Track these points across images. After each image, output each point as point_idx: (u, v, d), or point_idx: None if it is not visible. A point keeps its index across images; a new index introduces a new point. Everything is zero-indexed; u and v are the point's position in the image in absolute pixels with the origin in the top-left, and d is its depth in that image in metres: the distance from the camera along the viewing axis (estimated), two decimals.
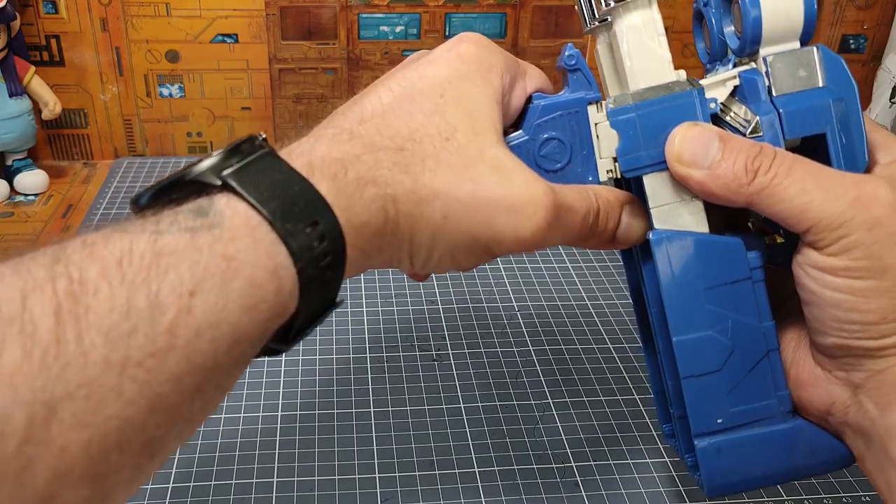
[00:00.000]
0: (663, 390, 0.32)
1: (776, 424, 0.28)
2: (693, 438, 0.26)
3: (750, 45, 0.29)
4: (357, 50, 0.83)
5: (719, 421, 0.27)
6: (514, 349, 0.56)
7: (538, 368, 0.54)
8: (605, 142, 0.29)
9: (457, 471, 0.46)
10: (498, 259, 0.66)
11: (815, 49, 0.28)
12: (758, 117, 0.28)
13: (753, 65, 0.29)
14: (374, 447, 0.48)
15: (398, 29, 0.82)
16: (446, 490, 0.45)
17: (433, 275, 0.64)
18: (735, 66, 0.30)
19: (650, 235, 0.28)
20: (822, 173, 0.28)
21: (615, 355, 0.56)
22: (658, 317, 0.30)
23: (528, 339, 0.58)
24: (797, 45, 0.28)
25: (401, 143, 0.27)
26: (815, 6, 0.28)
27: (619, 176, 0.29)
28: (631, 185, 0.30)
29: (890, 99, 0.83)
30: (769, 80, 0.28)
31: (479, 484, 0.45)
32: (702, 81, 0.29)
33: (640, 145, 0.28)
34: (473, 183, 0.27)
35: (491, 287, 0.63)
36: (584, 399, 0.52)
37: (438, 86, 0.29)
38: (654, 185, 0.28)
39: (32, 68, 0.75)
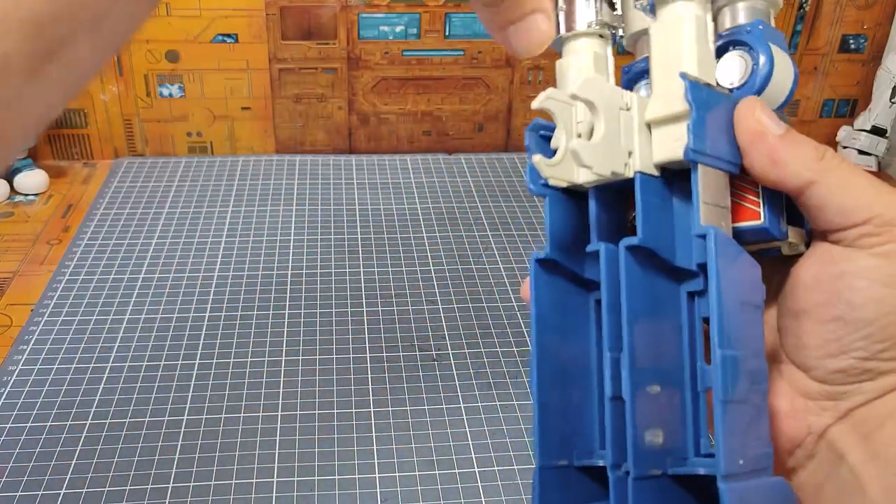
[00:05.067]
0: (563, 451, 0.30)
1: (770, 476, 0.26)
2: (720, 482, 0.24)
3: (748, 93, 0.29)
4: (357, 50, 0.83)
5: (741, 462, 0.25)
6: (514, 349, 0.56)
7: None
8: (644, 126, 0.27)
9: (457, 471, 0.46)
10: (497, 258, 0.67)
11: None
12: None
13: None
14: (374, 447, 0.48)
15: (398, 29, 0.82)
16: (446, 490, 0.45)
17: (433, 275, 0.64)
18: None
19: (709, 231, 0.26)
20: (869, 175, 0.27)
21: None
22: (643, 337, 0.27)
23: (528, 338, 0.58)
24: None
25: None
26: (797, 81, 0.30)
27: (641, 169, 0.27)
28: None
29: (890, 99, 0.83)
30: None
31: (479, 484, 0.45)
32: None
33: (706, 131, 0.27)
34: None
35: (491, 287, 0.63)
36: None
37: None
38: (706, 179, 0.27)
39: None
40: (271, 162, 0.83)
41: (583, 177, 0.28)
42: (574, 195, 0.30)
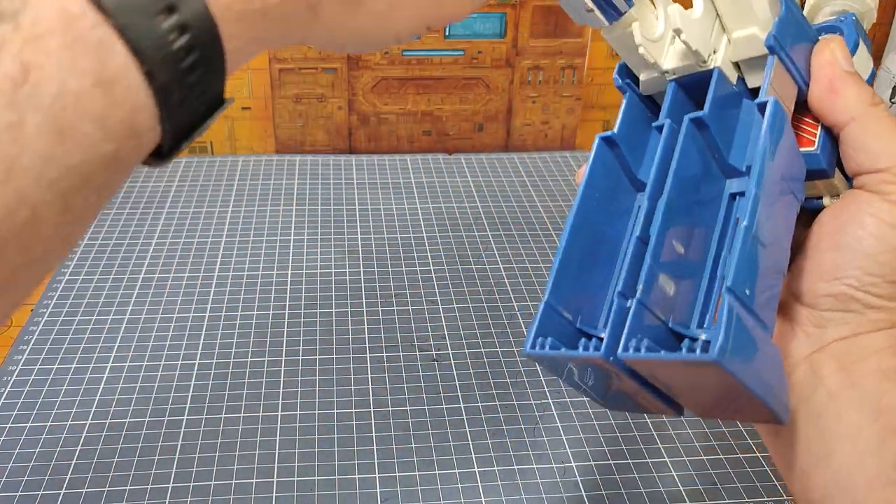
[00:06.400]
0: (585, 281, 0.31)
1: (769, 336, 0.27)
2: (727, 292, 0.25)
3: None
4: None
5: (747, 292, 0.26)
6: (514, 349, 0.56)
7: (538, 368, 0.54)
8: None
9: (457, 471, 0.46)
10: (497, 258, 0.67)
11: None
12: None
13: None
14: (374, 447, 0.48)
15: None
16: (446, 490, 0.45)
17: (433, 275, 0.64)
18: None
19: (770, 99, 0.28)
20: None
21: None
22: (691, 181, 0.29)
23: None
24: None
25: None
26: (871, 82, 0.32)
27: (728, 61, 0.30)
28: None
29: (890, 99, 0.83)
30: None
31: (479, 484, 0.45)
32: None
33: (788, 31, 0.29)
34: None
35: (491, 287, 0.63)
36: (584, 399, 0.52)
37: None
38: (778, 74, 0.29)
39: None
40: (271, 162, 0.83)
41: (669, 62, 0.30)
42: (648, 112, 0.32)
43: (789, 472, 0.29)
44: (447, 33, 0.83)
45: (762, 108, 0.28)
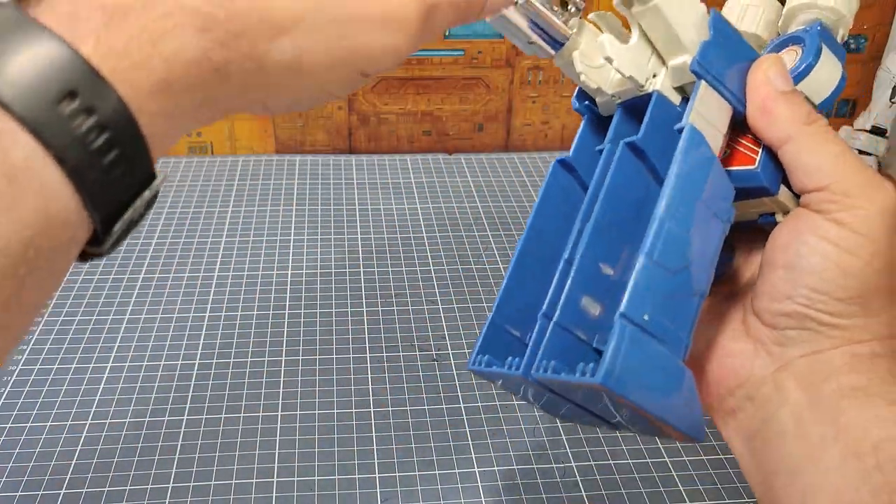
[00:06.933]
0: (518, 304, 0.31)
1: (676, 357, 0.27)
2: (619, 317, 0.25)
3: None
4: None
5: (645, 317, 0.26)
6: None
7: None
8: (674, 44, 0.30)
9: (457, 471, 0.46)
10: (497, 258, 0.67)
11: None
12: None
13: None
14: (374, 447, 0.48)
15: None
16: (446, 490, 0.45)
17: (433, 275, 0.64)
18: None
19: (687, 125, 0.28)
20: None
21: None
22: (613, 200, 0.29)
23: None
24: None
25: None
26: (842, 89, 0.32)
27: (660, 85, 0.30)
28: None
29: (890, 99, 0.83)
30: None
31: (479, 484, 0.45)
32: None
33: (719, 57, 0.29)
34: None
35: (491, 287, 0.63)
36: None
37: None
38: (706, 96, 0.29)
39: None
40: (271, 162, 0.83)
41: (612, 86, 0.31)
42: (606, 130, 0.32)
43: (758, 488, 0.29)
44: (447, 33, 0.83)
45: (680, 130, 0.28)
